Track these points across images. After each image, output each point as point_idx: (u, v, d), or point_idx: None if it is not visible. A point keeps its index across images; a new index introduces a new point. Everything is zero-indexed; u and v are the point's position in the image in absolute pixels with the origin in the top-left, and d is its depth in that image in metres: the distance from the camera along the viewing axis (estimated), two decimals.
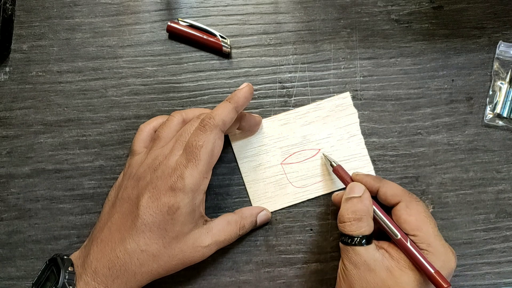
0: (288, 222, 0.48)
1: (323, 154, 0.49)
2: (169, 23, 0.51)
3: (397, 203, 0.42)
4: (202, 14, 0.52)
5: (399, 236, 0.40)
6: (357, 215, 0.41)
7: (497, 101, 0.49)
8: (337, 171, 0.46)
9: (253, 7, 0.52)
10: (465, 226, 0.48)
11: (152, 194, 0.40)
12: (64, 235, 0.48)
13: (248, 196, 0.49)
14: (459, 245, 0.48)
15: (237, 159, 0.49)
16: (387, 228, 0.41)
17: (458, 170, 0.49)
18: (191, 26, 0.51)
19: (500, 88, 0.50)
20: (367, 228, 0.41)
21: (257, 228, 0.48)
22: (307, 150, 0.49)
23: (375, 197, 0.44)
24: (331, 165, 0.47)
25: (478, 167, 0.49)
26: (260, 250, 0.48)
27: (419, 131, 0.50)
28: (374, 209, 0.42)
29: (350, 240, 0.41)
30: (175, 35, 0.51)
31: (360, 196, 0.42)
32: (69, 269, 0.41)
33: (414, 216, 0.41)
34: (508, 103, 0.49)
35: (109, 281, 0.40)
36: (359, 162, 0.49)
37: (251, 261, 0.48)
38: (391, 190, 0.43)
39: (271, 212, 0.48)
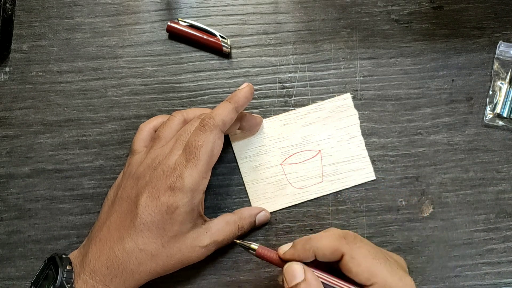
0: (288, 222, 0.48)
1: (235, 241, 0.42)
2: (169, 23, 0.51)
3: (340, 258, 0.37)
4: (202, 14, 0.52)
5: None
6: None
7: (497, 101, 0.49)
8: (260, 254, 0.40)
9: (253, 7, 0.52)
10: (465, 226, 0.48)
11: (151, 193, 0.40)
12: (64, 235, 0.48)
13: (248, 196, 0.48)
14: (459, 245, 0.47)
15: (237, 159, 0.49)
16: None
17: (458, 170, 0.49)
18: (191, 26, 0.51)
19: (500, 88, 0.50)
20: None
21: (257, 228, 0.48)
22: (307, 151, 0.49)
23: (316, 261, 0.38)
24: (251, 249, 0.40)
25: (478, 167, 0.49)
26: None
27: (419, 131, 0.49)
28: (327, 281, 0.37)
29: None
30: (175, 35, 0.51)
31: (304, 280, 0.36)
32: (67, 267, 0.41)
33: (363, 265, 0.37)
34: (508, 103, 0.49)
35: (108, 280, 0.40)
36: (359, 164, 0.49)
37: (251, 261, 0.47)
38: (327, 247, 0.37)
39: (271, 213, 0.48)
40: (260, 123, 0.49)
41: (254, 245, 0.40)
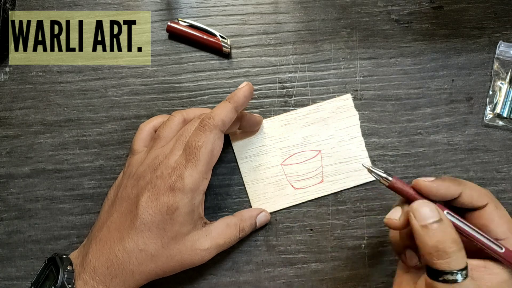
0: (288, 222, 0.48)
1: (366, 167, 0.38)
2: (169, 23, 0.51)
3: (483, 206, 0.37)
4: (202, 14, 0.52)
5: (504, 249, 0.34)
6: (448, 248, 0.33)
7: (497, 101, 0.49)
8: (394, 186, 0.36)
9: (253, 7, 0.52)
10: None
11: (151, 193, 0.40)
12: (64, 235, 0.48)
13: (248, 196, 0.48)
14: None
15: (237, 159, 0.49)
16: (486, 245, 0.35)
17: (458, 170, 0.49)
18: (191, 26, 0.51)
19: (500, 88, 0.50)
20: (463, 260, 0.33)
21: (257, 228, 0.48)
22: (308, 151, 0.49)
23: (449, 202, 0.37)
24: (386, 180, 0.37)
25: (478, 167, 0.49)
26: (260, 250, 0.48)
27: (419, 131, 0.49)
28: (462, 226, 0.35)
29: (449, 276, 0.33)
30: (175, 35, 0.51)
31: (437, 221, 0.34)
32: (68, 268, 0.41)
33: (505, 218, 0.36)
34: (508, 103, 0.49)
35: (108, 280, 0.40)
36: (359, 164, 0.49)
37: (251, 261, 0.48)
38: (476, 192, 0.37)
39: (271, 213, 0.48)
40: (260, 123, 0.49)
41: (389, 177, 0.37)
